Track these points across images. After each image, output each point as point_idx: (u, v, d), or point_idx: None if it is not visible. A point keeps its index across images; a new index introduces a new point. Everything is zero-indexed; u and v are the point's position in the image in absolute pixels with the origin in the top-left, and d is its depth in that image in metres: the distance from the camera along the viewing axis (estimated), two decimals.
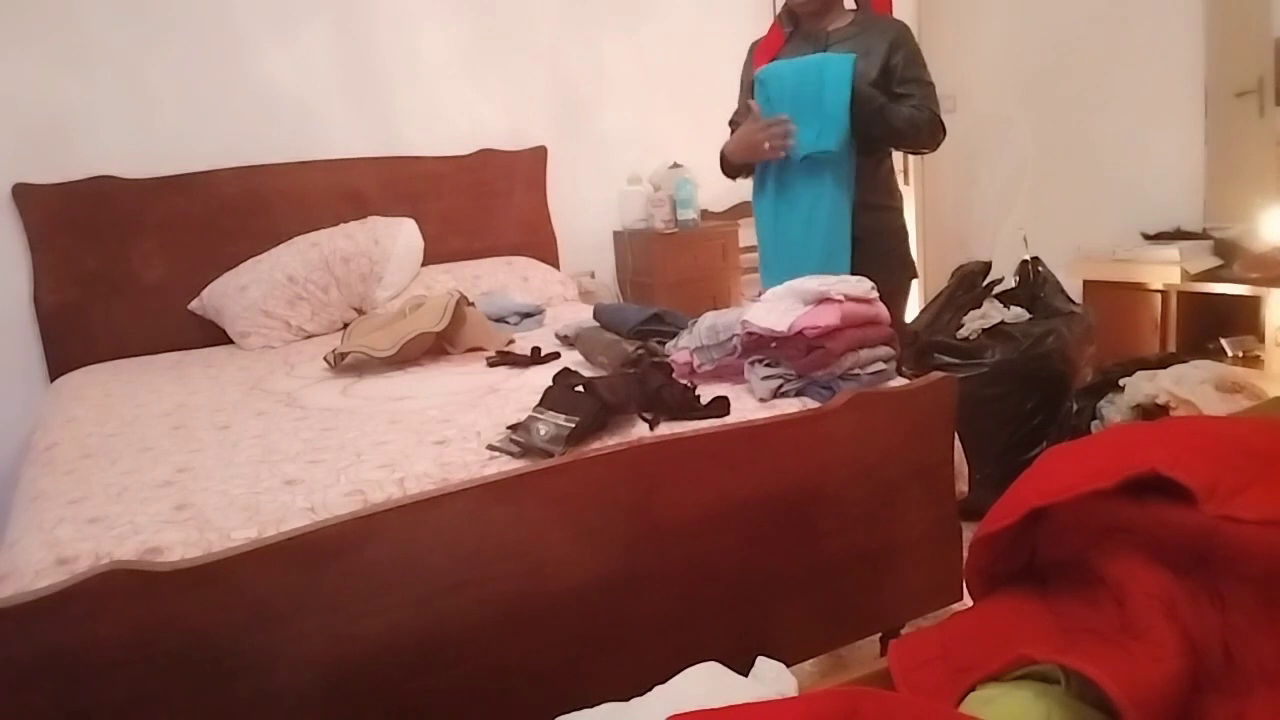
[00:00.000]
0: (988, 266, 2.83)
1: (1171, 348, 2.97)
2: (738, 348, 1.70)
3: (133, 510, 1.28)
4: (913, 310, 3.22)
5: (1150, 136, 3.39)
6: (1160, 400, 2.17)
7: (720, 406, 1.55)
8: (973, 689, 0.92)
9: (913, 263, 2.32)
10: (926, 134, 2.12)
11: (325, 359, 2.18)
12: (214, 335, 2.78)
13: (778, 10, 2.54)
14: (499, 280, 3.09)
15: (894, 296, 2.05)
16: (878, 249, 2.15)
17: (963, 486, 1.73)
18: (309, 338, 2.77)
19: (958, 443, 1.69)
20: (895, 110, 2.07)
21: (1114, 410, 2.29)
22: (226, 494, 1.32)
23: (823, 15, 2.20)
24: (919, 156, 3.84)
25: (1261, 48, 3.10)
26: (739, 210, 3.64)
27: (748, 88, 2.28)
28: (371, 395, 1.89)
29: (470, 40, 3.38)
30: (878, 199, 2.22)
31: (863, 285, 1.66)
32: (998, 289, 2.81)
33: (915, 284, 2.36)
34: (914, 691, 0.95)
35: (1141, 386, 2.23)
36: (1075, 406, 2.39)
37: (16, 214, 2.70)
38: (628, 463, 1.34)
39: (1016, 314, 2.66)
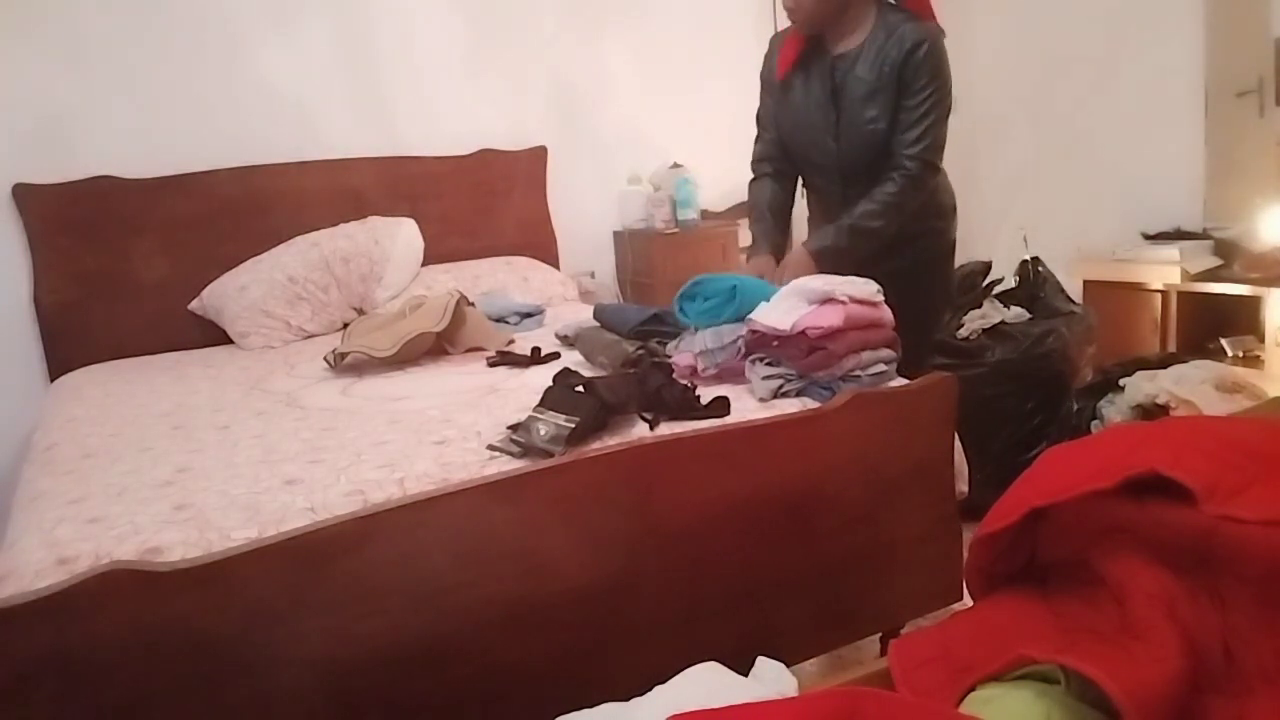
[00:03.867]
0: (988, 266, 2.83)
1: (1171, 348, 2.97)
2: (741, 349, 1.70)
3: (133, 510, 1.28)
4: None
5: (1150, 136, 3.39)
6: (1160, 400, 2.17)
7: (720, 406, 1.55)
8: (973, 689, 0.92)
9: (954, 286, 2.20)
10: (910, 199, 1.94)
11: (325, 359, 2.18)
12: (214, 335, 2.78)
13: (777, 9, 2.53)
14: (499, 280, 3.09)
15: (929, 314, 1.98)
16: (919, 279, 1.99)
17: (963, 486, 1.73)
18: (309, 338, 2.77)
19: (958, 443, 1.69)
20: (865, 219, 1.91)
21: (1114, 410, 2.29)
22: (226, 494, 1.32)
23: (826, 33, 1.98)
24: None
25: (1261, 48, 3.10)
26: (739, 210, 3.63)
27: (768, 84, 2.14)
28: (371, 395, 1.89)
29: (470, 40, 3.38)
30: (924, 224, 2.04)
31: (869, 287, 1.66)
32: (998, 289, 2.81)
33: None
34: (914, 691, 0.95)
35: (1141, 386, 2.23)
36: (1075, 406, 2.39)
37: (16, 214, 2.70)
38: (628, 463, 1.34)
39: (1016, 314, 2.66)
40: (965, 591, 1.16)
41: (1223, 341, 2.98)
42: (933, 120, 1.91)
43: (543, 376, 1.72)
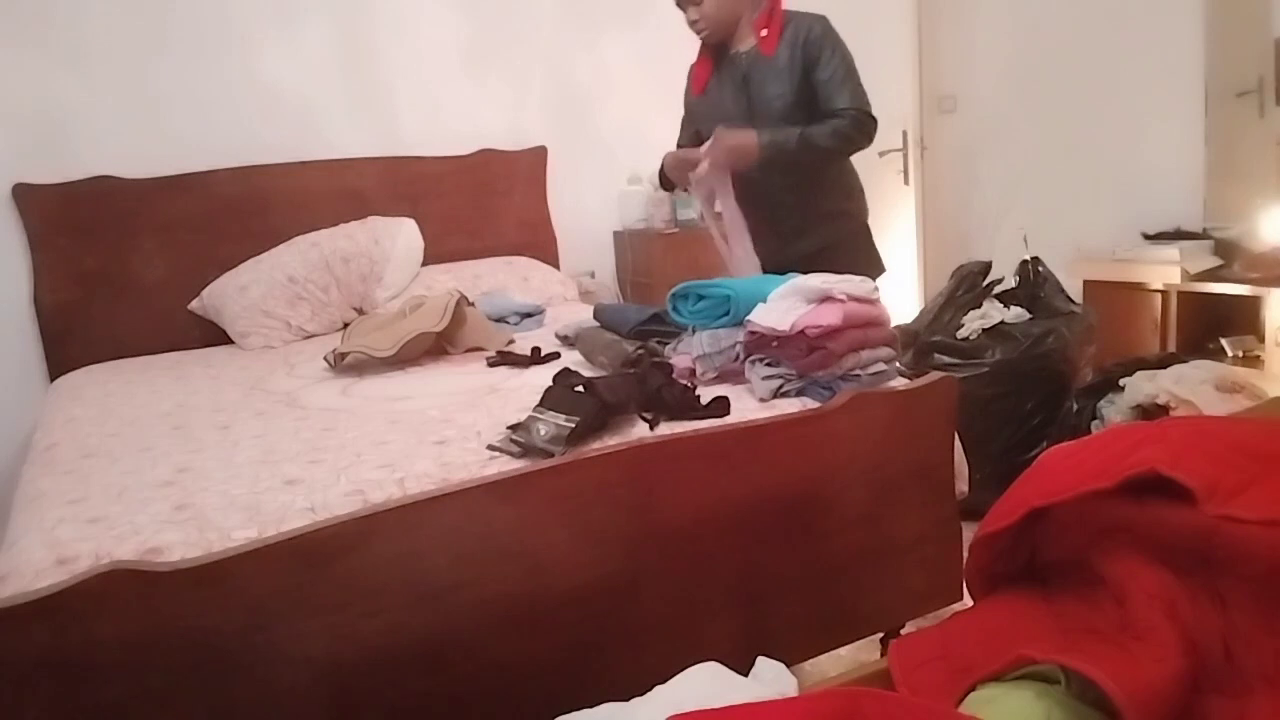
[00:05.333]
0: (988, 266, 2.83)
1: (1171, 348, 2.97)
2: (739, 355, 1.70)
3: (133, 510, 1.28)
4: (910, 310, 3.22)
5: (1150, 136, 3.39)
6: (1160, 400, 2.17)
7: (720, 406, 1.55)
8: (973, 689, 0.92)
9: (878, 259, 2.32)
10: (858, 137, 2.09)
11: (325, 359, 2.18)
12: (214, 335, 2.78)
13: None
14: (499, 280, 3.09)
15: None
16: (838, 256, 2.11)
17: (963, 486, 1.73)
18: (309, 338, 2.76)
19: (958, 443, 1.69)
20: (816, 134, 2.05)
21: (1114, 410, 2.29)
22: (226, 494, 1.32)
23: (729, 38, 2.18)
24: (929, 126, 3.83)
25: (1261, 48, 3.10)
26: None
27: (688, 105, 2.36)
28: (371, 395, 1.89)
29: (470, 40, 3.38)
30: (836, 204, 2.23)
31: (866, 285, 1.66)
32: (998, 289, 2.80)
33: (913, 285, 2.37)
34: (914, 691, 0.95)
35: (1141, 386, 2.23)
36: (1075, 406, 2.39)
37: (16, 214, 2.70)
38: (628, 463, 1.34)
39: (1016, 314, 2.66)
40: (965, 591, 1.16)
41: (1223, 341, 2.98)
42: (851, 80, 2.09)
43: (543, 376, 1.71)
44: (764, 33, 2.11)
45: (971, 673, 0.94)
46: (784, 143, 2.05)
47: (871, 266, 2.27)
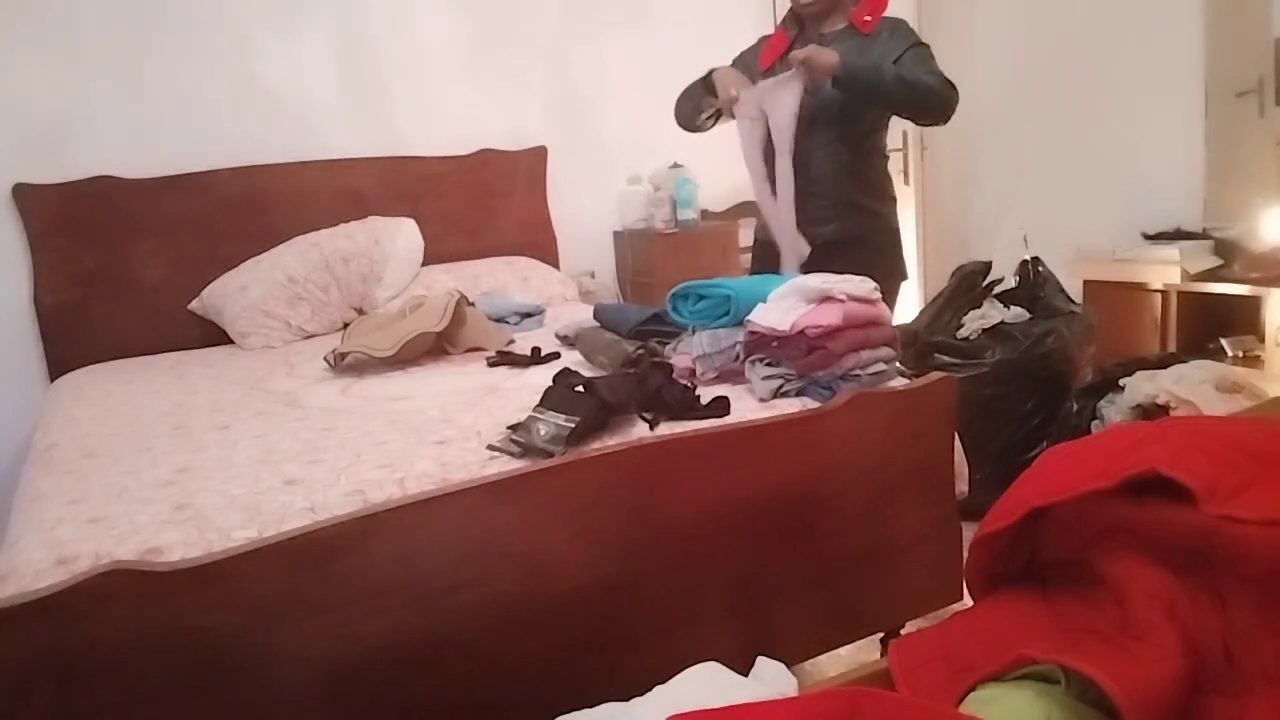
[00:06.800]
0: (988, 266, 2.83)
1: (1171, 348, 2.97)
2: (739, 354, 1.70)
3: (133, 510, 1.28)
4: (911, 310, 3.22)
5: (1150, 137, 3.39)
6: (1160, 400, 2.17)
7: (720, 406, 1.55)
8: (973, 689, 0.92)
9: (903, 266, 2.33)
10: (939, 92, 2.07)
11: (325, 359, 2.18)
12: (214, 335, 2.78)
13: (778, 10, 2.55)
14: (499, 280, 3.09)
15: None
16: (864, 254, 2.13)
17: (963, 486, 1.73)
18: (309, 338, 2.76)
19: (958, 443, 1.69)
20: (901, 73, 2.06)
21: (1114, 410, 2.29)
22: (226, 494, 1.32)
23: (826, 16, 2.23)
24: (930, 128, 3.83)
25: (1261, 48, 3.10)
26: (739, 210, 3.64)
27: (740, 65, 2.34)
28: (371, 395, 1.89)
29: (470, 40, 3.38)
30: (867, 202, 2.24)
31: (865, 285, 1.66)
32: (998, 289, 2.80)
33: (912, 285, 2.37)
34: (914, 691, 0.95)
35: (1141, 386, 2.23)
36: (1075, 406, 2.39)
37: (16, 214, 2.70)
38: (628, 463, 1.34)
39: (1016, 314, 2.66)
40: (965, 591, 1.16)
41: (1223, 341, 2.98)
42: (935, 62, 2.12)
43: (543, 376, 1.71)
44: (867, 17, 2.20)
45: (971, 673, 0.94)
46: (861, 67, 2.04)
47: (893, 271, 2.27)
